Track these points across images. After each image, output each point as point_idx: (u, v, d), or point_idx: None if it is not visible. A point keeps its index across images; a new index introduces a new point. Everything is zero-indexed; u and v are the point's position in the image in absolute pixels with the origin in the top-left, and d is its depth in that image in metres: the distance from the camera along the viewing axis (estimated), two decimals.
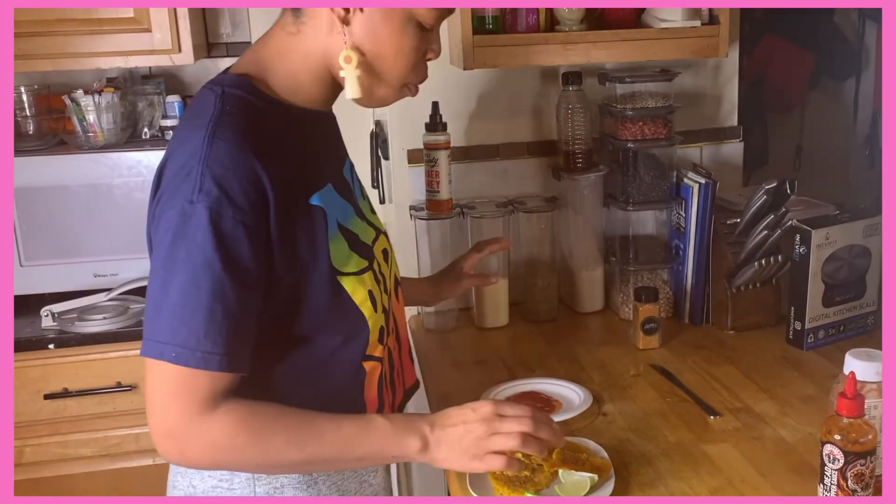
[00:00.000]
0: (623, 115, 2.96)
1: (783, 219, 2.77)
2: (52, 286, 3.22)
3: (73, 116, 3.23)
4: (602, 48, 2.90)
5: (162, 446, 1.70)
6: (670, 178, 3.03)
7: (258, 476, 1.89)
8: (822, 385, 2.45)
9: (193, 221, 1.63)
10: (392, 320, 2.07)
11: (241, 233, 1.65)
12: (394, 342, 2.09)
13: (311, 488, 1.92)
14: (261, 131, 1.74)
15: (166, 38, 3.10)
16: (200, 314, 1.63)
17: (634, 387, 2.55)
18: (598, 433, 2.26)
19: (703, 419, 2.34)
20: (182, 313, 1.63)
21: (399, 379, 2.13)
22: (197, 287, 1.63)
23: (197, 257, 1.63)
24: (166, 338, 1.64)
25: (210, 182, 1.63)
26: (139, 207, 3.07)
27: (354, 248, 1.90)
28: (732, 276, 2.87)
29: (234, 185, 1.64)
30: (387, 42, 1.78)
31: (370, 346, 1.91)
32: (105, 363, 3.05)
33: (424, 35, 1.83)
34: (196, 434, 1.68)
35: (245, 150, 1.67)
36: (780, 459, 2.12)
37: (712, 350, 2.78)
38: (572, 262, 3.14)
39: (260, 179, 1.67)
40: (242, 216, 1.64)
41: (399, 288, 2.17)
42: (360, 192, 2.08)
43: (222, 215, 1.63)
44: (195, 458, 1.72)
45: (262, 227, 1.69)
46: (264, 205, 1.68)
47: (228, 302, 1.65)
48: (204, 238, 1.62)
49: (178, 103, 3.31)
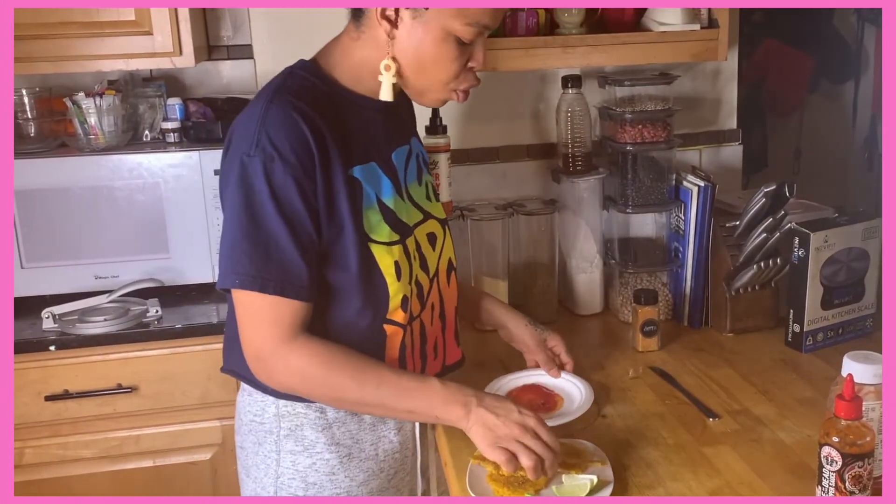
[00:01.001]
0: (622, 118, 2.97)
1: (782, 222, 2.78)
2: (53, 288, 3.21)
3: (75, 119, 3.22)
4: (602, 51, 2.92)
5: (253, 367, 2.06)
6: (669, 181, 3.04)
7: (282, 415, 2.21)
8: (820, 387, 2.46)
9: (251, 171, 1.95)
10: (436, 298, 2.31)
11: (290, 183, 1.95)
12: (436, 319, 2.33)
13: (326, 431, 2.21)
14: (313, 104, 2.01)
15: (167, 40, 3.09)
16: (274, 251, 1.96)
17: (633, 389, 2.55)
18: (598, 435, 2.27)
19: (701, 421, 2.34)
20: (258, 249, 1.96)
21: (433, 352, 2.33)
22: (261, 227, 1.96)
23: (258, 202, 1.95)
24: (249, 270, 1.96)
25: (265, 139, 1.94)
26: (140, 209, 3.10)
27: (388, 222, 2.12)
28: (731, 279, 2.87)
29: (285, 144, 1.94)
30: (426, 54, 2.02)
31: (391, 311, 2.14)
32: (106, 365, 3.05)
33: (464, 48, 2.04)
34: (279, 359, 2.01)
35: (296, 117, 1.96)
36: (779, 461, 2.13)
37: (711, 352, 2.79)
38: (571, 265, 3.15)
39: (307, 142, 1.96)
40: (292, 170, 1.95)
41: (452, 273, 2.38)
42: (417, 178, 2.29)
43: (274, 168, 1.94)
44: (278, 381, 2.06)
45: (309, 184, 1.97)
46: (311, 164, 1.97)
47: (298, 239, 1.97)
48: (260, 186, 1.94)
49: (179, 106, 3.29)
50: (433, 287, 2.29)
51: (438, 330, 2.34)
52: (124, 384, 3.06)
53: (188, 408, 3.10)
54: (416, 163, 2.30)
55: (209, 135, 3.22)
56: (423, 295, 2.25)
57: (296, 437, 2.21)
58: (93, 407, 3.07)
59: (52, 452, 3.09)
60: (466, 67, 2.07)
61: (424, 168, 2.34)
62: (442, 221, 2.35)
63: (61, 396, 3.04)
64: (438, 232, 2.31)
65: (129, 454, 3.14)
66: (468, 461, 2.12)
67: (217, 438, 3.15)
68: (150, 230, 3.17)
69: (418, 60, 2.03)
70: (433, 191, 2.36)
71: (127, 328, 3.05)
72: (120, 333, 3.04)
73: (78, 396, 3.05)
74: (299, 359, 2.01)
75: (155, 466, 3.13)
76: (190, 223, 3.17)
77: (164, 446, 3.14)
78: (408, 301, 2.16)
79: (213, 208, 3.12)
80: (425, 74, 2.05)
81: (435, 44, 2.00)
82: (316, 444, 2.20)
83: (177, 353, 3.07)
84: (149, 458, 3.14)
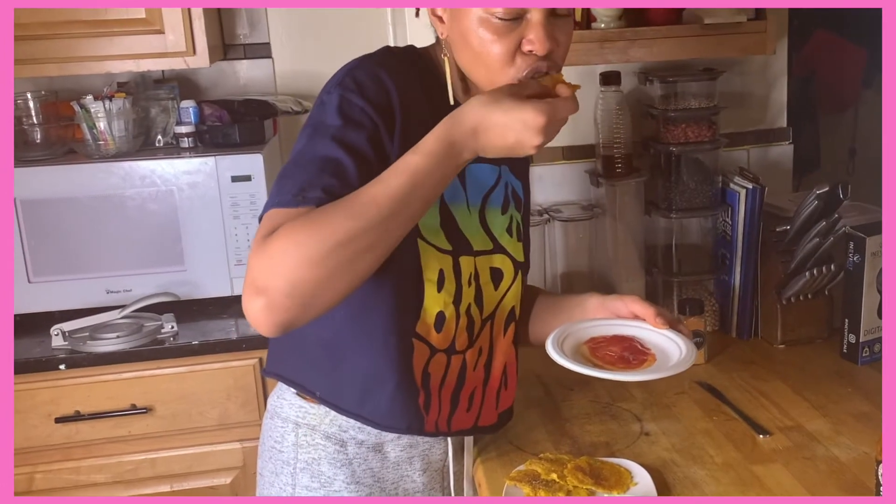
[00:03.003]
0: (665, 116, 2.99)
1: (836, 226, 2.78)
2: (63, 303, 3.23)
3: (83, 124, 3.23)
4: (641, 46, 2.92)
5: (244, 298, 1.75)
6: (715, 184, 3.04)
7: (300, 444, 2.18)
8: (877, 401, 2.47)
9: (327, 106, 1.92)
10: (485, 343, 2.22)
11: (365, 121, 1.90)
12: (480, 367, 2.23)
13: (345, 468, 2.17)
14: (405, 73, 2.02)
15: (180, 39, 3.11)
16: (310, 169, 1.84)
17: (679, 405, 2.56)
18: (641, 454, 2.29)
19: (751, 438, 2.35)
20: (294, 171, 1.85)
21: (467, 402, 2.22)
22: (314, 152, 1.87)
23: (323, 130, 1.89)
24: (291, 189, 1.81)
25: (349, 79, 1.94)
26: (153, 219, 3.12)
27: (445, 227, 2.08)
28: (782, 287, 2.88)
29: (371, 87, 1.94)
30: (471, 42, 1.97)
31: (421, 324, 2.08)
32: (119, 384, 3.08)
33: (506, 30, 1.94)
34: (257, 254, 1.74)
35: (383, 73, 1.97)
36: (833, 480, 2.13)
37: (761, 365, 2.80)
38: (612, 274, 3.16)
39: (391, 97, 1.95)
40: (370, 109, 1.91)
41: (511, 325, 2.28)
42: (501, 206, 2.21)
43: (352, 102, 1.91)
44: (264, 283, 1.72)
45: (381, 133, 1.92)
46: (390, 117, 1.94)
47: (343, 170, 1.84)
48: (332, 117, 1.90)
49: (194, 108, 3.30)
50: (485, 330, 2.22)
51: (480, 380, 2.25)
52: (139, 405, 3.08)
53: (206, 429, 3.12)
54: (505, 191, 2.24)
55: (225, 139, 3.24)
56: (472, 330, 2.19)
57: (312, 472, 2.18)
58: (106, 429, 3.09)
59: (64, 478, 3.12)
60: (523, 52, 1.98)
61: (513, 202, 2.26)
62: (517, 264, 2.26)
63: (72, 418, 3.06)
64: (507, 271, 2.23)
65: (145, 478, 3.16)
66: (503, 482, 2.14)
67: (238, 461, 3.18)
68: (165, 241, 3.20)
69: (468, 51, 2.00)
70: (519, 230, 2.28)
71: (141, 345, 3.07)
72: (133, 351, 3.06)
73: (90, 418, 3.07)
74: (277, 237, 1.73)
75: (172, 491, 3.16)
76: (206, 233, 3.19)
77: (181, 470, 3.17)
78: (444, 321, 2.11)
79: (231, 217, 3.15)
80: (478, 63, 2.00)
81: (473, 30, 1.96)
82: (333, 482, 2.18)
83: (194, 371, 3.10)
84: (165, 483, 3.17)
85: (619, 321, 2.20)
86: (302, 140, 1.92)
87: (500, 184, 2.21)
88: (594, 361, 2.04)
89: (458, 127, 1.81)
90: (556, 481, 2.10)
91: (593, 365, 2.02)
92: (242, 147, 3.20)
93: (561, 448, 2.34)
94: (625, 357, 2.06)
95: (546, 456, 2.23)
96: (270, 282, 1.71)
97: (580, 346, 2.11)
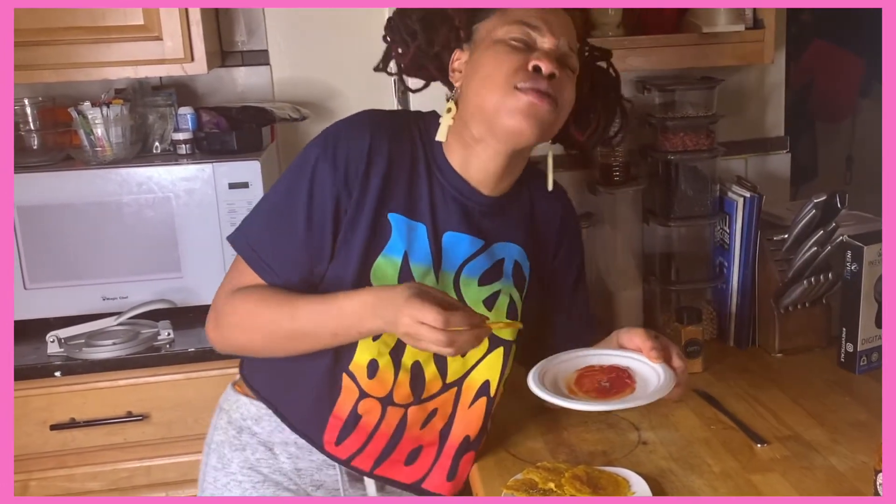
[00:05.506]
0: (663, 125, 2.99)
1: (833, 234, 2.78)
2: (58, 310, 3.21)
3: (80, 130, 3.22)
4: (640, 54, 2.93)
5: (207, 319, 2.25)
6: (713, 192, 3.05)
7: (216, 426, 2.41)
8: (875, 410, 2.47)
9: (303, 156, 2.17)
10: (444, 409, 2.27)
11: (327, 186, 2.11)
12: (432, 432, 2.28)
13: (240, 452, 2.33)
14: (395, 138, 2.19)
15: (178, 46, 3.10)
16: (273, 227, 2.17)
17: (676, 414, 2.56)
18: (639, 463, 2.29)
19: (749, 447, 2.36)
20: (260, 220, 2.21)
21: (402, 459, 2.28)
22: (277, 204, 2.18)
23: (289, 182, 2.17)
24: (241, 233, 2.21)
25: (331, 138, 2.16)
26: (150, 226, 3.12)
27: (401, 281, 2.13)
28: (780, 296, 2.88)
29: (342, 148, 2.13)
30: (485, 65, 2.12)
31: (354, 364, 2.17)
32: (114, 392, 3.07)
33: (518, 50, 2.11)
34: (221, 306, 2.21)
35: (366, 133, 2.15)
36: (831, 489, 2.13)
37: (759, 374, 2.80)
38: (609, 282, 3.16)
39: (363, 157, 2.13)
40: (334, 175, 2.11)
41: (482, 399, 2.28)
42: (477, 276, 2.25)
43: (319, 167, 2.12)
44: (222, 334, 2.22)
45: (342, 198, 2.12)
46: (355, 179, 2.12)
47: (294, 226, 2.14)
48: (300, 170, 2.15)
49: (191, 115, 3.29)
50: (446, 394, 2.25)
51: (430, 442, 2.29)
52: (135, 412, 3.07)
53: (203, 437, 3.08)
54: (488, 264, 2.26)
55: (223, 146, 3.23)
56: (420, 388, 2.22)
57: (218, 454, 2.36)
58: (101, 436, 3.09)
59: (59, 485, 3.11)
60: (528, 69, 2.08)
61: (507, 278, 2.28)
62: (495, 339, 2.24)
63: (68, 425, 3.05)
64: (482, 344, 2.16)
65: (140, 486, 3.15)
66: (500, 491, 2.15)
67: None
68: (161, 248, 3.19)
69: (479, 77, 2.12)
70: (510, 306, 2.28)
71: (137, 352, 3.06)
72: (129, 358, 3.05)
73: (85, 425, 3.06)
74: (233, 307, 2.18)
75: (167, 499, 3.15)
76: (203, 240, 3.18)
77: (176, 478, 3.16)
78: (377, 369, 2.16)
79: (228, 224, 3.13)
80: (486, 81, 2.10)
81: (488, 53, 2.12)
82: (231, 464, 2.33)
83: (190, 378, 3.09)
84: (161, 490, 3.16)
85: (620, 352, 2.28)
86: (280, 180, 2.22)
87: (482, 256, 2.25)
88: (564, 392, 2.15)
89: (377, 308, 2.00)
90: (554, 490, 2.10)
91: (561, 394, 2.12)
92: (240, 154, 3.19)
93: (558, 457, 2.34)
94: (603, 387, 2.17)
95: (543, 465, 2.23)
96: (226, 340, 2.23)
97: (569, 373, 2.21)
